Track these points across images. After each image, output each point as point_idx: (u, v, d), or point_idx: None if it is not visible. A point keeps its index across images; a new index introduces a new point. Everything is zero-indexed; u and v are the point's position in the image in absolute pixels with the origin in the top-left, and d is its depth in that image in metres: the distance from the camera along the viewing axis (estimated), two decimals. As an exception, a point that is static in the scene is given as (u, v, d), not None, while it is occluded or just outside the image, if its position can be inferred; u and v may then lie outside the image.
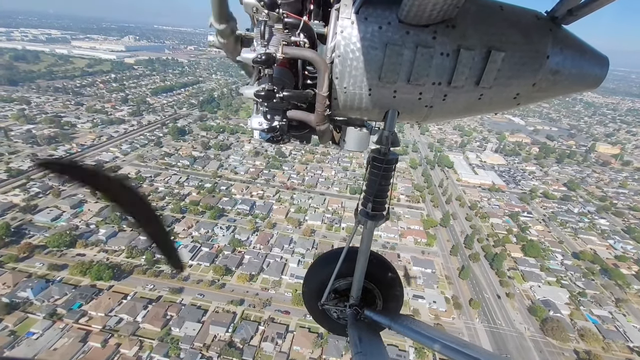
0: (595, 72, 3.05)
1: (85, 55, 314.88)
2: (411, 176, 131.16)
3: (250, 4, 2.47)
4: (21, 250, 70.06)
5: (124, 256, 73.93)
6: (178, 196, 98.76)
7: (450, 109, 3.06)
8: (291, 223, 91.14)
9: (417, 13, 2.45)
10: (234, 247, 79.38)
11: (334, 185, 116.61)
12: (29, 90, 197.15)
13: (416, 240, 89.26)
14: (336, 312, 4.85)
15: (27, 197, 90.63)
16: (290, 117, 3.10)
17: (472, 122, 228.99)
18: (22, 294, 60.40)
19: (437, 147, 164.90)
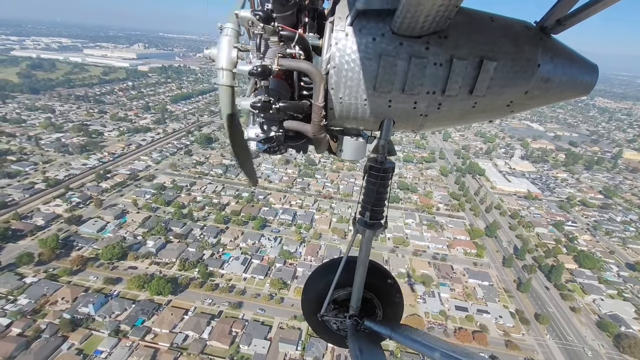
0: (586, 79, 3.12)
1: (99, 63, 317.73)
2: (445, 184, 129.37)
3: (246, 17, 2.51)
4: (74, 263, 68.57)
5: (176, 269, 72.24)
6: (218, 206, 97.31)
7: (445, 118, 3.09)
8: (336, 234, 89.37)
9: (410, 25, 2.49)
10: (284, 258, 77.57)
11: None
12: (51, 98, 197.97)
13: (465, 251, 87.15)
14: (336, 323, 4.75)
15: (69, 208, 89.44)
16: (287, 128, 3.15)
17: (491, 128, 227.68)
18: (83, 310, 58.72)
19: (464, 154, 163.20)
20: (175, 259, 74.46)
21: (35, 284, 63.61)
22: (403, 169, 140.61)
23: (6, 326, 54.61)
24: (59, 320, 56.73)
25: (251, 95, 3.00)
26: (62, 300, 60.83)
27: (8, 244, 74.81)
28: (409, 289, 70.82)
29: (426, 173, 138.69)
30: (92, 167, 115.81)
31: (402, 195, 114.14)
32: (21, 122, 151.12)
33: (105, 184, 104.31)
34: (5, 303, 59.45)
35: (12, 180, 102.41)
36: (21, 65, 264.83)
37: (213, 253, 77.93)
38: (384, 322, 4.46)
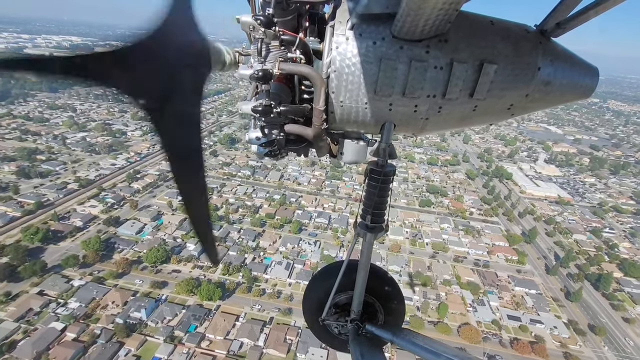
0: (586, 82, 3.12)
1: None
2: (474, 188, 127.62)
3: (247, 22, 2.51)
4: (119, 266, 67.79)
5: (219, 273, 71.28)
6: (252, 208, 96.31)
7: (445, 121, 3.09)
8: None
9: (410, 28, 2.51)
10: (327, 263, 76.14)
11: (400, 197, 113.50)
12: (70, 97, 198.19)
13: (507, 258, 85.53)
14: (337, 328, 4.71)
15: (105, 209, 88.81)
16: (288, 132, 3.14)
17: (510, 130, 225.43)
18: (135, 315, 57.84)
19: (488, 157, 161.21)
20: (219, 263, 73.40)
21: (83, 287, 62.89)
22: (429, 172, 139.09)
23: (61, 330, 53.84)
24: (113, 325, 55.93)
25: (252, 99, 2.93)
26: (113, 305, 60.04)
27: (49, 245, 74.23)
28: (458, 297, 69.37)
29: (453, 176, 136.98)
30: (121, 168, 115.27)
31: (433, 199, 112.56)
32: (44, 120, 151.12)
33: (136, 184, 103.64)
34: (56, 306, 58.78)
35: (44, 179, 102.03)
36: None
37: (254, 257, 76.92)
38: (386, 327, 4.42)
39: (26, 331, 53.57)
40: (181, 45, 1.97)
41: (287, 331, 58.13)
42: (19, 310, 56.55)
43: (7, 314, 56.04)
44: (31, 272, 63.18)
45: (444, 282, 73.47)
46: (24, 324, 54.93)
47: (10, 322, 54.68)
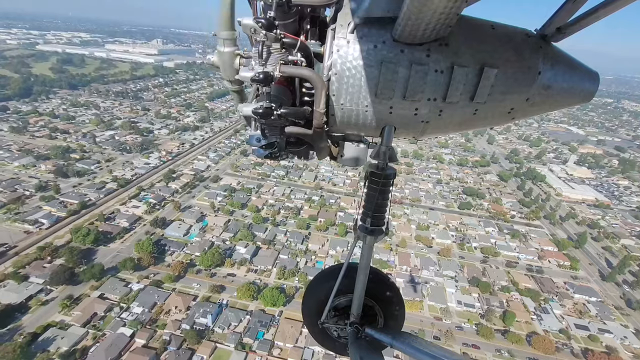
0: (587, 87, 3.13)
1: (125, 58, 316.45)
2: (510, 190, 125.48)
3: (249, 25, 2.57)
4: (175, 269, 66.48)
5: (274, 277, 69.88)
6: (293, 210, 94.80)
7: (446, 124, 3.11)
8: (422, 241, 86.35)
9: (411, 32, 2.52)
10: (381, 267, 74.73)
11: (438, 200, 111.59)
12: (91, 94, 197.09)
13: (558, 263, 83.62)
14: (336, 331, 4.70)
15: (148, 209, 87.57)
16: (288, 134, 3.17)
17: (532, 131, 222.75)
18: (200, 320, 56.52)
19: (517, 159, 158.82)
20: (271, 266, 72.10)
21: (143, 291, 61.63)
22: (461, 173, 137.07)
23: (130, 336, 52.61)
24: (181, 331, 54.67)
25: (253, 101, 2.99)
26: (175, 310, 58.78)
27: (99, 246, 73.07)
28: (519, 305, 67.65)
29: (485, 178, 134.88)
30: (155, 167, 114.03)
31: (471, 201, 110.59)
32: (70, 118, 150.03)
33: (173, 184, 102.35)
34: (119, 311, 57.57)
35: (82, 179, 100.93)
36: (51, 60, 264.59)
37: (306, 261, 75.44)
38: (385, 330, 4.36)
39: (95, 337, 52.40)
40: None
41: (356, 339, 56.58)
42: (84, 314, 55.37)
43: (73, 318, 54.89)
44: (90, 275, 62.00)
45: (502, 289, 71.72)
46: (91, 329, 53.76)
47: (77, 327, 53.49)
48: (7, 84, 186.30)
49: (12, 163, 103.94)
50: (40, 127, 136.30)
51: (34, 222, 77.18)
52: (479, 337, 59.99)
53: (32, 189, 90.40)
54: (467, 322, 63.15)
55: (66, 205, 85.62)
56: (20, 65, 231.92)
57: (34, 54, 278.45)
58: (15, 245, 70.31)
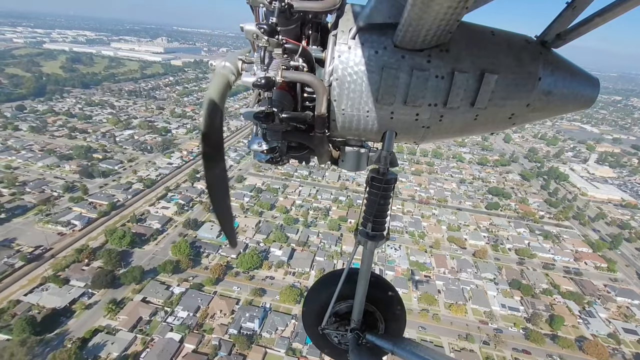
0: (587, 93, 3.15)
1: (132, 57, 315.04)
2: (535, 190, 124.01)
3: (251, 31, 2.55)
4: (214, 272, 65.55)
5: (313, 279, 68.74)
6: (322, 210, 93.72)
7: (447, 129, 3.13)
8: (455, 243, 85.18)
9: (412, 38, 2.55)
10: (419, 270, 73.72)
11: (465, 200, 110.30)
12: (104, 93, 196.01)
13: (595, 265, 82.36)
14: (337, 337, 4.68)
15: (178, 210, 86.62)
16: (290, 139, 3.21)
17: (547, 129, 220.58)
18: (247, 325, 55.62)
19: (537, 158, 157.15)
20: (308, 268, 71.12)
21: (185, 294, 60.75)
22: (483, 172, 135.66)
23: (179, 342, 51.75)
24: (229, 336, 53.79)
25: (255, 106, 2.99)
26: (220, 314, 57.90)
27: (134, 248, 72.23)
28: (564, 308, 66.50)
29: (508, 177, 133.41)
30: (178, 167, 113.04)
31: (498, 201, 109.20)
32: (87, 118, 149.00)
33: (199, 184, 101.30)
34: (165, 315, 56.71)
35: (107, 179, 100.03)
36: (60, 58, 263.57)
37: (343, 262, 74.33)
38: (386, 336, 4.35)
39: (144, 342, 51.56)
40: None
41: (406, 344, 55.58)
42: (130, 319, 54.54)
43: (120, 323, 54.08)
44: (131, 278, 61.13)
45: (544, 292, 70.57)
46: (139, 334, 52.92)
47: (125, 331, 52.71)
48: (20, 83, 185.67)
49: (36, 163, 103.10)
50: (59, 126, 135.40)
51: (66, 224, 76.37)
52: (528, 342, 58.88)
53: (59, 190, 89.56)
54: (513, 327, 62.07)
55: (95, 206, 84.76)
56: (30, 64, 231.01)
57: (42, 53, 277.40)
58: (51, 248, 69.55)
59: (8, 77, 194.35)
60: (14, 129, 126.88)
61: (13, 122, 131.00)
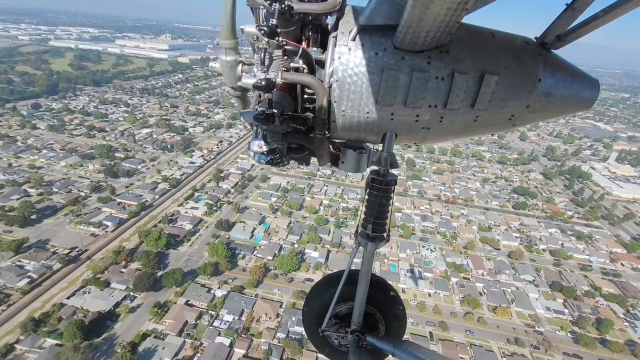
0: (587, 94, 3.15)
1: (139, 54, 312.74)
2: (559, 189, 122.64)
3: (251, 32, 2.60)
4: (254, 275, 64.55)
5: (352, 282, 67.76)
6: (352, 211, 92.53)
7: (447, 131, 3.14)
8: (489, 243, 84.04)
9: (412, 40, 2.55)
10: (457, 272, 72.65)
11: (490, 199, 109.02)
12: (116, 91, 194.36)
13: (632, 266, 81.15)
14: (337, 339, 4.67)
15: (207, 211, 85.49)
16: (290, 140, 3.22)
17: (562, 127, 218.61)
18: (295, 329, 54.62)
19: (557, 156, 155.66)
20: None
21: (228, 297, 59.75)
22: (504, 171, 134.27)
23: (229, 346, 50.83)
24: (278, 340, 52.86)
25: (255, 107, 2.99)
26: (265, 317, 56.94)
27: (169, 250, 71.19)
28: (608, 311, 65.44)
29: (530, 176, 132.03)
30: (200, 166, 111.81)
31: (526, 201, 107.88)
32: (103, 116, 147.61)
33: (224, 184, 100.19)
34: (210, 319, 55.77)
35: (132, 179, 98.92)
36: (67, 56, 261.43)
37: (380, 264, 73.34)
38: (387, 338, 4.31)
39: (194, 347, 50.60)
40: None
41: (457, 348, 54.73)
42: (176, 323, 53.57)
43: (167, 327, 53.12)
44: (172, 280, 60.13)
45: (586, 294, 69.49)
46: (187, 339, 51.98)
47: (173, 336, 51.75)
48: (31, 81, 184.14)
49: (59, 163, 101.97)
50: (76, 125, 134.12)
51: (98, 225, 75.29)
52: (578, 346, 57.90)
53: (86, 190, 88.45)
54: (560, 330, 61.06)
55: (124, 207, 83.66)
56: (39, 61, 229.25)
57: (49, 50, 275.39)
58: (86, 249, 68.55)
59: (19, 75, 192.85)
60: (32, 127, 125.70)
61: (30, 121, 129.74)
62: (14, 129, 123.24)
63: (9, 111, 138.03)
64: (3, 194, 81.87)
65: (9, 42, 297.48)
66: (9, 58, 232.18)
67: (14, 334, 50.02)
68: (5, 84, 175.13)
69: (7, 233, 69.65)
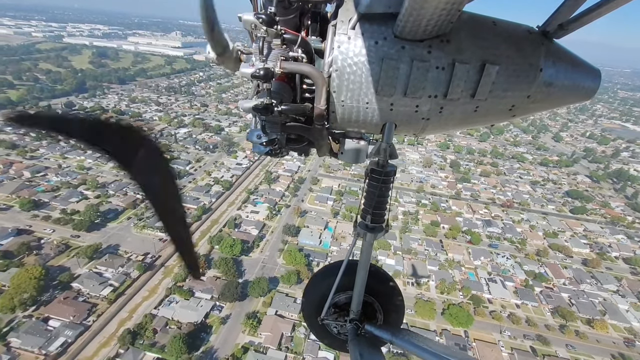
0: (588, 84, 3.11)
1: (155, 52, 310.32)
2: (610, 193, 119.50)
3: (249, 20, 2.54)
4: (337, 284, 62.02)
5: (435, 291, 65.31)
6: (413, 216, 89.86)
7: (447, 121, 3.11)
8: (560, 251, 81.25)
9: (412, 28, 2.52)
10: (539, 280, 69.99)
11: (545, 203, 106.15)
12: (142, 89, 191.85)
13: None
14: (336, 327, 4.76)
15: (269, 215, 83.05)
16: (289, 131, 3.18)
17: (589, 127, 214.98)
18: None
19: (598, 158, 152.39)
20: (426, 278, 67.54)
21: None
22: (550, 174, 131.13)
23: (334, 362, 48.48)
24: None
25: (254, 97, 2.89)
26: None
27: (241, 256, 68.81)
28: None
29: (577, 179, 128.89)
30: (247, 167, 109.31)
31: (583, 205, 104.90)
32: (138, 115, 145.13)
33: (277, 186, 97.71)
34: (304, 331, 53.35)
35: (182, 180, 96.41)
36: (86, 53, 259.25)
37: (460, 273, 70.76)
38: (385, 327, 4.41)
39: (299, 363, 48.31)
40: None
41: (565, 364, 52.22)
42: (274, 335, 51.25)
43: (264, 340, 50.81)
44: (259, 290, 57.76)
45: (677, 305, 66.74)
46: (289, 353, 49.64)
47: (274, 349, 49.46)
48: (57, 78, 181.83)
49: (107, 164, 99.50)
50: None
51: (164, 230, 72.81)
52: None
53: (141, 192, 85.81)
54: (661, 344, 58.41)
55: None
56: (60, 59, 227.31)
57: (65, 47, 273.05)
58: (159, 255, 66.29)
59: (44, 73, 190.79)
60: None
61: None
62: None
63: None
64: (61, 197, 79.74)
65: (24, 38, 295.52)
66: (28, 55, 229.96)
67: (110, 347, 47.87)
68: (32, 82, 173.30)
69: (75, 238, 67.52)
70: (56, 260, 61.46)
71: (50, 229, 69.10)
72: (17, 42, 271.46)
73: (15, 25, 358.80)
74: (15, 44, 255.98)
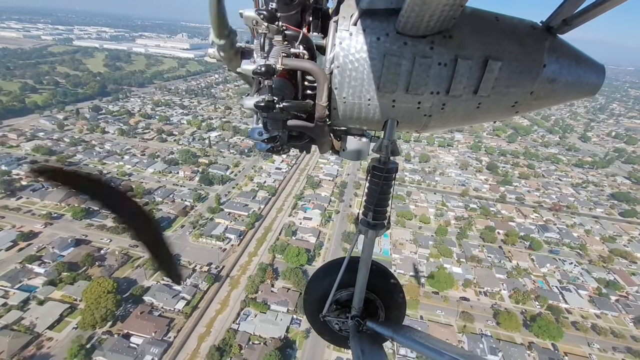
0: (592, 80, 3.07)
1: (166, 54, 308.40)
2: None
3: (250, 17, 2.54)
4: (413, 295, 59.77)
5: (508, 300, 62.99)
6: (465, 221, 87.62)
7: (449, 118, 3.10)
8: (622, 256, 78.91)
9: (414, 24, 2.51)
10: (612, 289, 67.67)
11: (592, 206, 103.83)
12: (163, 92, 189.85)
13: None
14: (338, 324, 4.75)
15: (323, 221, 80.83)
16: (290, 128, 3.17)
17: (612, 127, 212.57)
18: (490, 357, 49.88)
19: (633, 159, 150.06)
20: (498, 287, 65.24)
21: (396, 320, 55.02)
22: (588, 175, 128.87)
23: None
24: (478, 371, 48.06)
25: (255, 94, 2.89)
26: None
27: (304, 265, 66.49)
28: None
29: (617, 181, 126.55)
30: (287, 172, 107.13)
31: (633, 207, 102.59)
32: (165, 119, 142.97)
33: (321, 191, 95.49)
34: (392, 346, 51.07)
35: (226, 186, 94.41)
36: (99, 56, 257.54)
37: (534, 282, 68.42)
38: (386, 323, 4.44)
39: (394, 380, 45.98)
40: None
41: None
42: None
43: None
44: (336, 302, 55.38)
45: None
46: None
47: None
48: (77, 82, 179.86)
49: (147, 169, 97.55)
50: (144, 129, 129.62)
51: (222, 238, 70.73)
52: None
53: (189, 199, 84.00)
54: None
55: (235, 217, 79.14)
56: (76, 62, 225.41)
57: (77, 50, 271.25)
58: (223, 265, 64.05)
59: (63, 77, 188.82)
60: (102, 131, 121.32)
61: (98, 125, 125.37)
62: (84, 133, 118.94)
63: (71, 114, 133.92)
64: (110, 204, 77.43)
65: (34, 42, 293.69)
66: (43, 59, 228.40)
67: (198, 365, 45.60)
68: (53, 86, 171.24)
69: (134, 248, 65.29)
70: (121, 271, 59.31)
71: (107, 238, 66.95)
72: (29, 45, 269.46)
73: (23, 29, 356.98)
74: (28, 48, 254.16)
